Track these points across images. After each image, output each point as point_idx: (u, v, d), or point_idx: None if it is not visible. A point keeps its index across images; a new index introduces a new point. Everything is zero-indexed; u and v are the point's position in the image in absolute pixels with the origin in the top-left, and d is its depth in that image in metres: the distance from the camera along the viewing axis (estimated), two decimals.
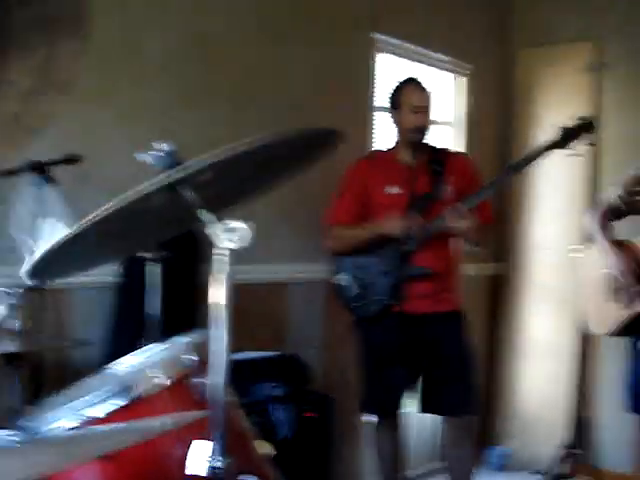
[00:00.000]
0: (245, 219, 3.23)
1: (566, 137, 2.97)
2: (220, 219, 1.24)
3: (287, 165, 1.31)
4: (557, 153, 3.03)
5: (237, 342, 3.18)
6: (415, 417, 4.21)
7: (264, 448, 1.68)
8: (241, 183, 1.34)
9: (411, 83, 3.23)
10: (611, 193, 3.41)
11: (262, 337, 3.34)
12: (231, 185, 1.31)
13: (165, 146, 1.23)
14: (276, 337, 3.44)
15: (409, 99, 3.15)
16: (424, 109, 3.14)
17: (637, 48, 4.28)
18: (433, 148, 3.30)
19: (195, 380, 1.44)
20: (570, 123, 2.99)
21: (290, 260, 3.50)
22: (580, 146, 2.99)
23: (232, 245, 1.25)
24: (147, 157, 1.23)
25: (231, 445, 1.29)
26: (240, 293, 3.25)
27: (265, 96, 3.37)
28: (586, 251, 3.65)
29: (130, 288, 2.62)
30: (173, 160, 1.21)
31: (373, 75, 3.97)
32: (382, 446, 3.21)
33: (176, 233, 1.49)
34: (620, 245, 3.35)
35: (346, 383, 3.08)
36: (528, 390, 4.61)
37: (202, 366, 1.41)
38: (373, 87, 3.95)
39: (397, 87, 3.23)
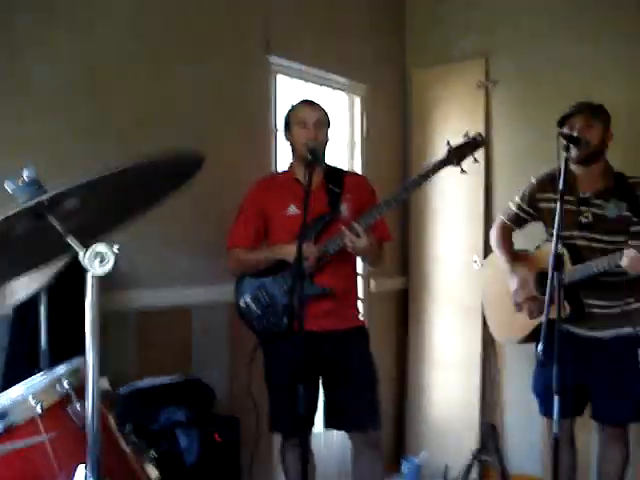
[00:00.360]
0: (143, 244, 3.27)
1: (454, 155, 3.03)
2: (86, 245, 1.21)
3: (155, 189, 1.31)
4: (449, 170, 3.09)
5: (142, 368, 3.21)
6: (324, 435, 4.29)
7: (151, 471, 1.67)
8: (111, 209, 1.33)
9: (301, 102, 3.27)
10: (512, 204, 3.55)
11: (167, 362, 3.34)
12: (100, 211, 1.30)
13: (26, 173, 1.23)
14: (181, 361, 3.42)
15: (298, 116, 3.17)
16: (315, 124, 3.14)
17: (524, 65, 4.44)
18: (330, 168, 3.32)
19: (72, 406, 1.43)
20: (458, 141, 3.05)
21: (193, 284, 3.49)
22: (468, 162, 3.05)
23: (97, 271, 1.21)
24: (8, 185, 1.22)
25: (111, 468, 1.29)
26: (143, 319, 3.28)
27: (156, 127, 3.35)
28: (490, 262, 3.76)
29: (23, 318, 2.58)
30: (33, 188, 1.21)
31: (273, 97, 4.01)
32: (290, 466, 3.21)
33: (48, 260, 1.48)
34: (520, 257, 3.48)
35: (254, 404, 3.08)
36: (439, 400, 4.70)
37: (80, 392, 1.41)
38: (274, 109, 3.99)
39: (288, 110, 3.28)
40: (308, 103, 3.25)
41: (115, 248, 1.27)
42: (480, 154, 3.16)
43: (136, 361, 3.27)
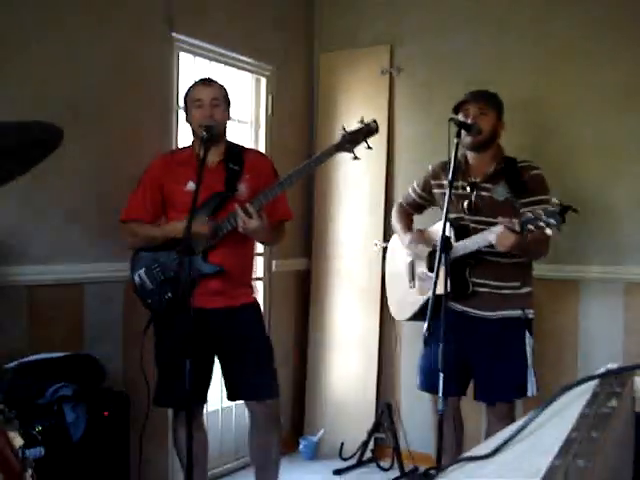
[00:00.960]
0: (36, 218, 3.22)
1: (348, 141, 3.05)
2: None
3: (12, 161, 1.29)
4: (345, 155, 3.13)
5: (33, 344, 3.16)
6: (222, 412, 4.32)
7: (16, 439, 1.67)
8: None
9: (196, 82, 3.27)
10: (410, 189, 3.64)
11: (58, 338, 3.30)
12: None
13: None
14: (73, 337, 3.39)
15: (194, 96, 3.18)
16: (211, 102, 3.15)
17: (428, 52, 4.54)
18: (231, 145, 3.33)
19: None
20: (353, 127, 3.07)
21: (86, 259, 3.46)
22: (362, 149, 3.06)
23: None
24: None
25: None
26: (34, 294, 3.24)
27: (57, 96, 3.31)
28: (391, 244, 3.85)
29: None
30: None
31: (175, 74, 3.97)
32: (180, 442, 3.22)
33: None
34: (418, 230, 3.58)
35: (145, 379, 3.08)
36: (338, 379, 4.78)
37: None
38: (176, 87, 3.96)
39: (186, 91, 3.27)
40: (203, 82, 3.26)
41: None
42: (381, 141, 3.21)
43: (27, 337, 3.22)
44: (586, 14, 4.02)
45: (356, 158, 3.07)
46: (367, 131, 3.06)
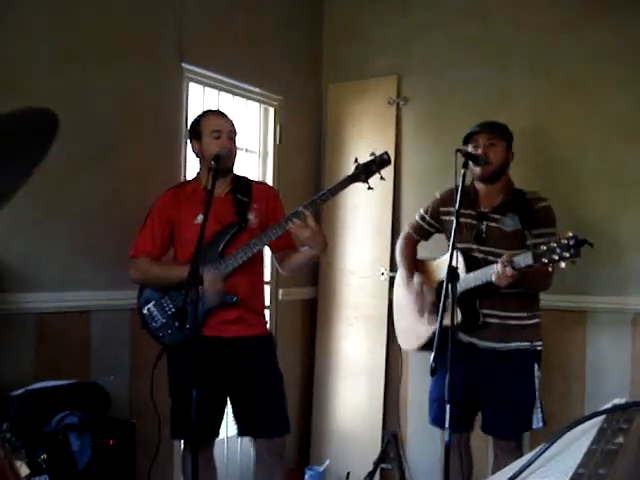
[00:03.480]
0: (45, 246, 3.24)
1: (362, 172, 3.08)
2: None
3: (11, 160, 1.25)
4: (359, 185, 3.15)
5: (39, 371, 3.17)
6: (228, 443, 4.30)
7: (22, 469, 1.67)
8: None
9: (210, 111, 3.31)
10: (417, 216, 3.64)
11: (65, 366, 3.31)
12: None
13: None
14: (80, 365, 3.40)
15: (209, 125, 3.20)
16: (226, 133, 3.19)
17: (435, 82, 4.58)
18: (237, 177, 3.35)
19: None
20: (366, 159, 3.10)
21: (94, 287, 3.47)
22: (375, 180, 3.10)
23: None
24: None
25: None
26: (42, 322, 3.25)
27: (68, 126, 3.31)
28: (398, 274, 3.84)
29: None
30: None
31: (185, 105, 4.01)
32: (189, 472, 3.18)
33: None
34: (421, 266, 3.58)
35: (155, 410, 3.08)
36: (344, 409, 4.76)
37: None
38: (185, 117, 3.99)
39: (196, 118, 3.29)
40: (220, 113, 3.30)
41: None
42: (388, 171, 3.24)
43: (34, 364, 3.23)
44: (588, 45, 4.05)
45: (370, 188, 3.10)
46: (380, 162, 3.10)
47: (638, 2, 3.93)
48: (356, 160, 3.12)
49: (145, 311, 3.20)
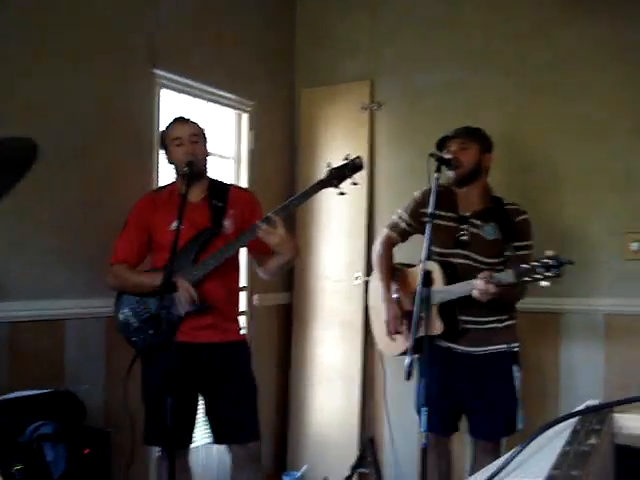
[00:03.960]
0: (18, 255, 3.21)
1: (334, 177, 3.06)
2: None
3: None
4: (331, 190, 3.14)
5: (13, 380, 3.14)
6: (204, 449, 4.28)
7: None
8: None
9: (172, 121, 3.29)
10: (395, 216, 3.60)
11: (38, 375, 3.27)
12: None
13: None
14: (53, 374, 3.36)
15: (172, 134, 3.20)
16: (189, 138, 3.17)
17: (408, 86, 4.60)
18: (214, 182, 3.34)
19: None
20: (338, 163, 3.08)
21: (68, 296, 3.45)
22: (348, 185, 3.08)
23: None
24: None
25: None
26: (15, 331, 3.22)
27: (40, 132, 3.24)
28: (373, 278, 3.80)
29: None
30: None
31: (157, 111, 4.00)
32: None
33: None
34: (399, 273, 3.54)
35: (129, 417, 3.06)
36: (320, 414, 4.76)
37: None
38: (158, 123, 3.97)
39: (163, 129, 3.29)
40: (179, 120, 3.27)
41: None
42: (361, 176, 3.21)
43: (7, 374, 3.20)
44: (557, 49, 4.11)
45: (342, 194, 3.08)
46: (353, 167, 3.07)
47: (606, 7, 3.98)
48: (329, 164, 3.10)
49: (120, 316, 3.19)
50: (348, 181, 3.09)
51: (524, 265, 2.88)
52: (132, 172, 3.79)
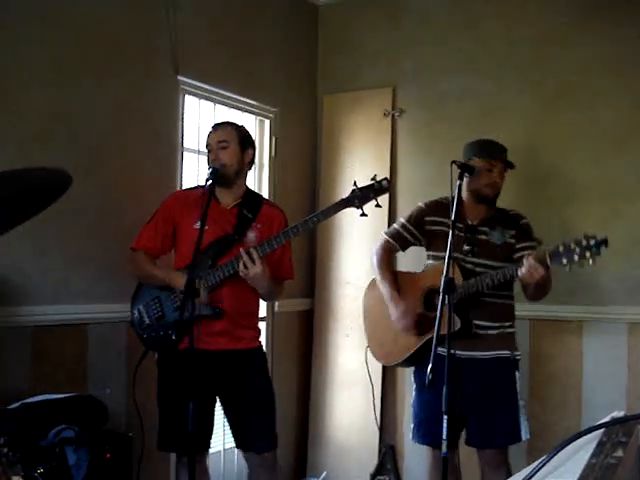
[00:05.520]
0: (41, 260, 3.24)
1: (358, 197, 3.05)
2: None
3: (20, 205, 1.30)
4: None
5: (36, 384, 3.16)
6: (224, 454, 4.29)
7: None
8: None
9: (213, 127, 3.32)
10: (397, 224, 3.60)
11: (60, 379, 3.30)
12: None
13: None
14: (75, 378, 3.39)
15: (206, 141, 3.26)
16: (217, 145, 3.19)
17: (430, 93, 4.60)
18: (250, 192, 3.35)
19: None
20: (365, 183, 3.05)
21: (91, 300, 3.47)
22: (370, 206, 3.07)
23: None
24: None
25: None
26: (38, 335, 3.24)
27: (57, 142, 3.35)
28: (370, 285, 3.78)
29: None
30: None
31: (181, 117, 4.03)
32: None
33: None
34: (402, 276, 3.54)
35: (151, 422, 3.07)
36: (340, 421, 4.75)
37: None
38: (181, 129, 4.01)
39: None
40: (212, 127, 3.31)
41: None
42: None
43: (30, 377, 3.23)
44: (579, 57, 4.09)
45: (364, 215, 3.06)
46: (378, 189, 3.05)
47: (625, 14, 3.96)
48: (355, 183, 3.07)
49: (135, 311, 3.23)
50: (371, 203, 3.07)
51: (561, 248, 2.91)
52: (155, 178, 3.82)
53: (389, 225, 4.61)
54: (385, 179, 3.07)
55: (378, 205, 3.08)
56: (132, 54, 3.72)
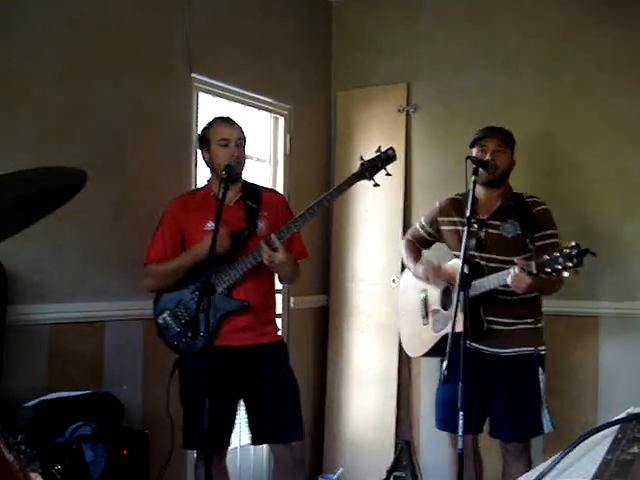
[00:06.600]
0: (59, 258, 3.25)
1: (367, 169, 3.09)
2: None
3: (36, 205, 1.30)
4: (371, 192, 3.15)
5: (53, 382, 3.18)
6: (240, 451, 4.30)
7: None
8: None
9: (218, 119, 3.29)
10: (417, 224, 3.65)
11: (77, 376, 3.32)
12: None
13: None
14: (92, 375, 3.41)
15: (216, 134, 3.20)
16: (234, 141, 3.18)
17: (444, 89, 4.59)
18: (247, 184, 3.34)
19: None
20: (371, 155, 3.12)
21: (106, 298, 3.49)
22: (382, 176, 3.11)
23: None
24: None
25: None
26: (55, 332, 3.26)
27: (73, 140, 3.36)
28: (403, 279, 3.84)
29: None
30: None
31: (195, 115, 4.03)
32: None
33: None
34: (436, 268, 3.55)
35: (166, 419, 3.08)
36: (356, 417, 4.75)
37: None
38: (195, 126, 4.00)
39: (205, 127, 3.29)
40: (227, 121, 3.27)
41: None
42: (395, 177, 3.22)
43: (47, 375, 3.25)
44: (596, 50, 4.07)
45: (376, 185, 3.12)
46: (385, 158, 3.11)
47: None
48: (361, 158, 3.14)
49: (160, 320, 3.20)
50: (382, 173, 3.12)
51: (545, 256, 2.86)
52: (170, 175, 3.83)
53: (404, 221, 4.62)
54: (390, 148, 3.14)
55: (388, 174, 3.13)
56: (147, 53, 3.73)
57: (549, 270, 2.84)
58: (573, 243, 2.78)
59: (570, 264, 2.77)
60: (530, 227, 3.24)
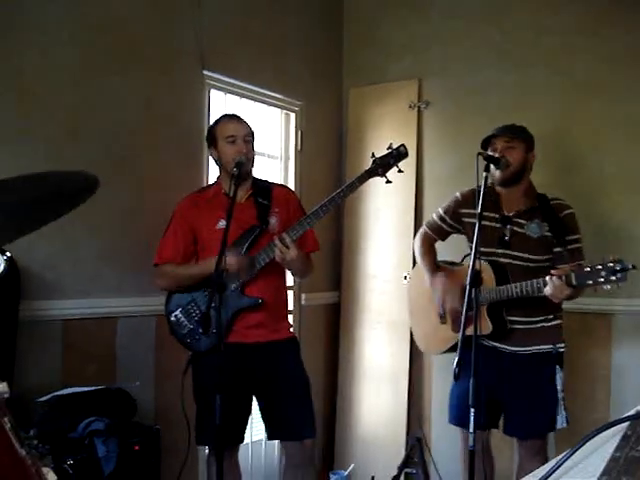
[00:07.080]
0: (71, 254, 3.27)
1: (380, 165, 3.11)
2: None
3: (50, 206, 1.33)
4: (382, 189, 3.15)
5: (66, 377, 3.20)
6: (252, 447, 4.31)
7: (49, 475, 1.68)
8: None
9: (224, 116, 3.30)
10: (435, 215, 3.61)
11: (91, 372, 3.34)
12: None
13: None
14: (104, 371, 3.43)
15: (224, 131, 3.20)
16: (242, 138, 3.18)
17: (456, 85, 4.57)
18: (257, 180, 3.35)
19: None
20: (383, 152, 3.14)
21: (119, 294, 3.51)
22: (394, 173, 3.14)
23: None
24: None
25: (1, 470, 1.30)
26: (68, 328, 3.28)
27: (85, 139, 3.38)
28: (414, 274, 3.82)
29: None
30: None
31: (207, 112, 4.04)
32: (214, 477, 3.22)
33: None
34: (443, 270, 3.52)
35: (179, 415, 3.09)
36: (368, 413, 4.76)
37: None
38: (207, 123, 4.00)
39: (212, 124, 3.30)
40: (235, 118, 3.28)
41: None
42: (407, 174, 3.23)
43: (60, 370, 3.27)
44: (607, 47, 4.04)
45: (389, 182, 3.14)
46: (397, 155, 3.14)
47: None
48: (373, 155, 3.16)
49: (172, 318, 3.21)
50: (394, 169, 3.14)
51: (587, 269, 2.84)
52: (182, 172, 3.84)
53: (415, 219, 4.61)
54: (402, 145, 3.17)
55: (400, 171, 3.16)
56: (159, 51, 3.75)
57: (590, 282, 2.83)
58: (617, 257, 2.78)
59: (613, 278, 2.77)
60: (560, 230, 3.21)
